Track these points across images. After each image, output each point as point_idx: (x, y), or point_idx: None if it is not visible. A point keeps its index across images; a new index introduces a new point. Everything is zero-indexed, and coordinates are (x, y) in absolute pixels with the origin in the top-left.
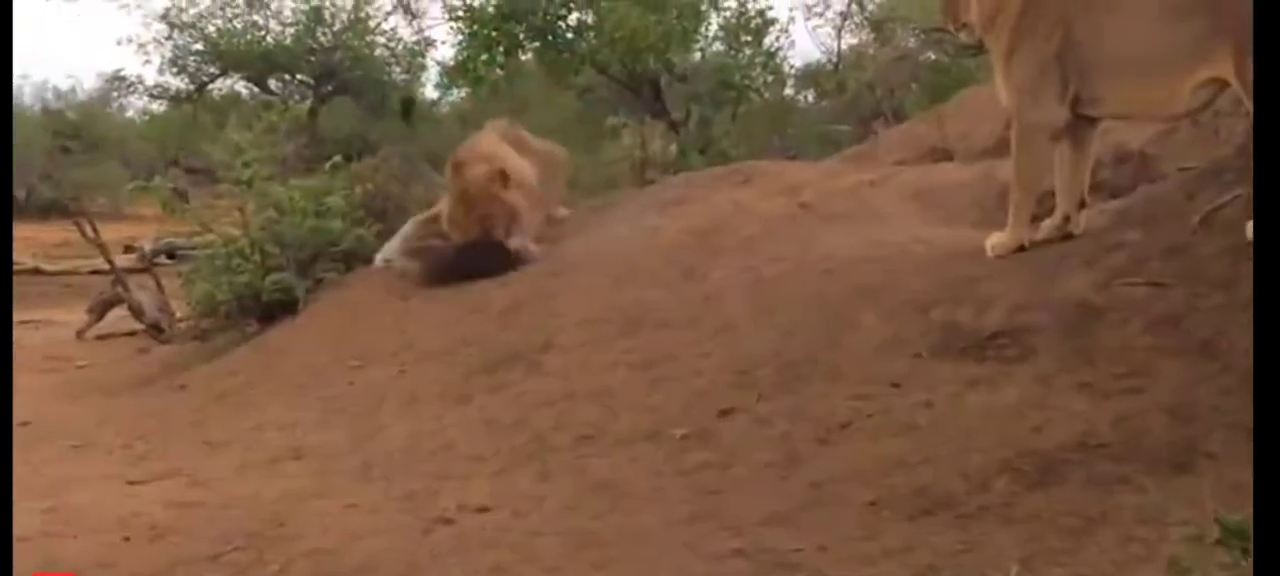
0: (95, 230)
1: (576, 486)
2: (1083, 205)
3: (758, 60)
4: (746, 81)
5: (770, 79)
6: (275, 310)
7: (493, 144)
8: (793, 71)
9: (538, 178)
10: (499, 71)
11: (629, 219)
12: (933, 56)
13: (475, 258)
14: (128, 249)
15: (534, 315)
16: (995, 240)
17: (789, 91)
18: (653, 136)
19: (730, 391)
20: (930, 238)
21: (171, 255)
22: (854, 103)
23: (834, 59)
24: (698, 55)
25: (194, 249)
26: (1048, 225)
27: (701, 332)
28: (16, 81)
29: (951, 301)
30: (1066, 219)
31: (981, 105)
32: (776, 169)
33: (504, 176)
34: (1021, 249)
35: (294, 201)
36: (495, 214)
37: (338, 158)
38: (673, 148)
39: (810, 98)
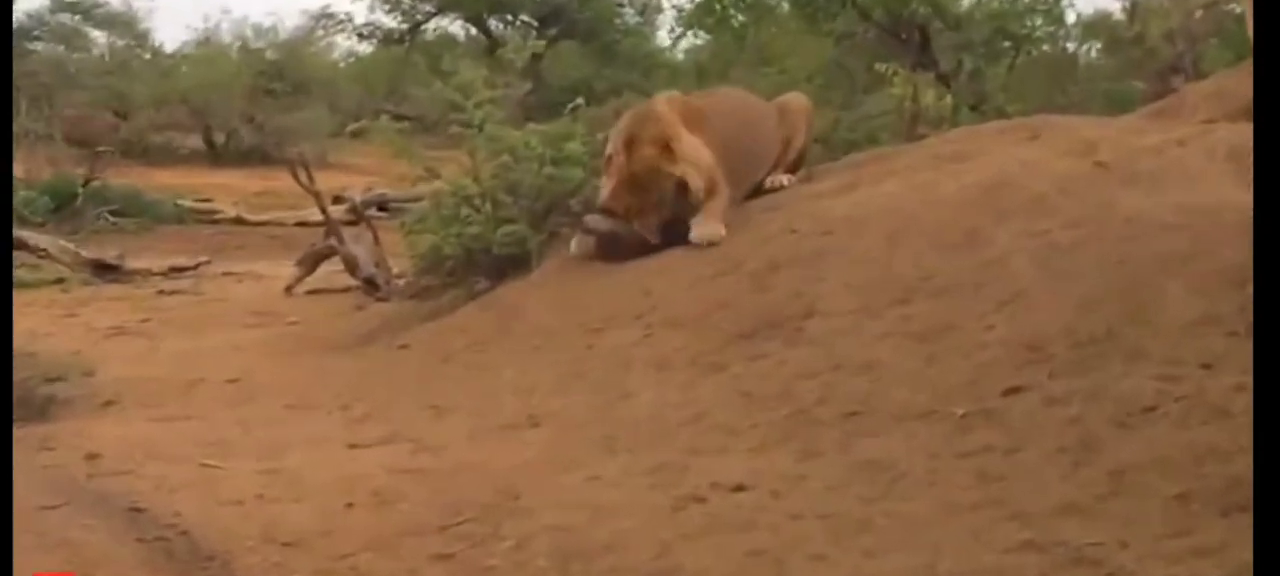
0: (310, 177)
1: (843, 466)
2: None
3: (1038, 7)
4: (1025, 30)
5: (1052, 29)
6: (506, 266)
7: (661, 118)
8: (1077, 21)
9: (717, 157)
10: (742, 16)
11: (901, 175)
12: (1238, 8)
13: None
14: (336, 199)
15: (795, 278)
16: None
17: (1071, 45)
18: (923, 89)
19: (1018, 367)
20: (1247, 204)
21: (383, 207)
22: (1147, 57)
23: (1126, 7)
24: (970, 0)
25: (410, 200)
26: None
27: (985, 302)
28: (216, 17)
29: None
30: None
31: None
32: (1068, 124)
33: (670, 152)
34: None
35: (530, 147)
36: (666, 196)
37: (579, 100)
38: (946, 100)
39: (1094, 51)
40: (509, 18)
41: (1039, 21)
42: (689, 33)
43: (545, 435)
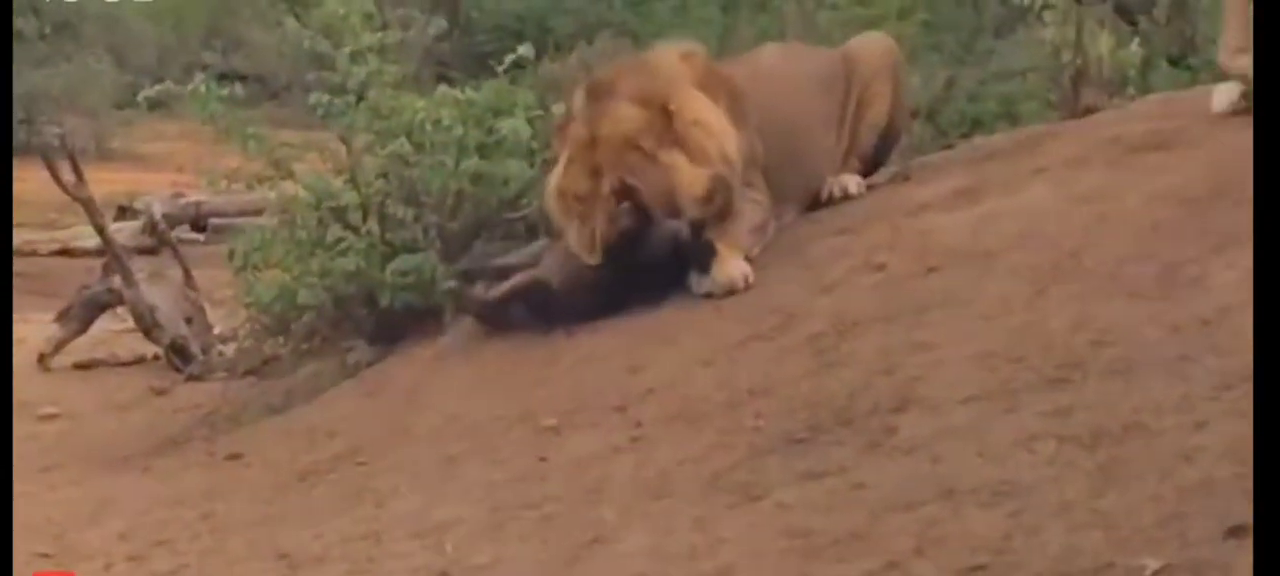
0: (80, 175)
1: None
2: None
3: None
4: None
5: None
6: (401, 323)
7: (660, 70)
8: None
9: (751, 153)
10: None
11: (1056, 174)
12: None
13: (611, 274)
14: (123, 211)
15: (881, 345)
16: None
17: None
18: (1093, 30)
19: (1245, 494)
20: None
21: (200, 226)
22: None
23: None
24: None
25: (244, 214)
26: None
27: (1195, 383)
28: None
29: None
30: None
31: None
32: None
33: (666, 117)
34: None
35: (443, 126)
36: (642, 185)
37: (524, 48)
38: (1133, 48)
39: None
40: None
41: None
42: None
43: None
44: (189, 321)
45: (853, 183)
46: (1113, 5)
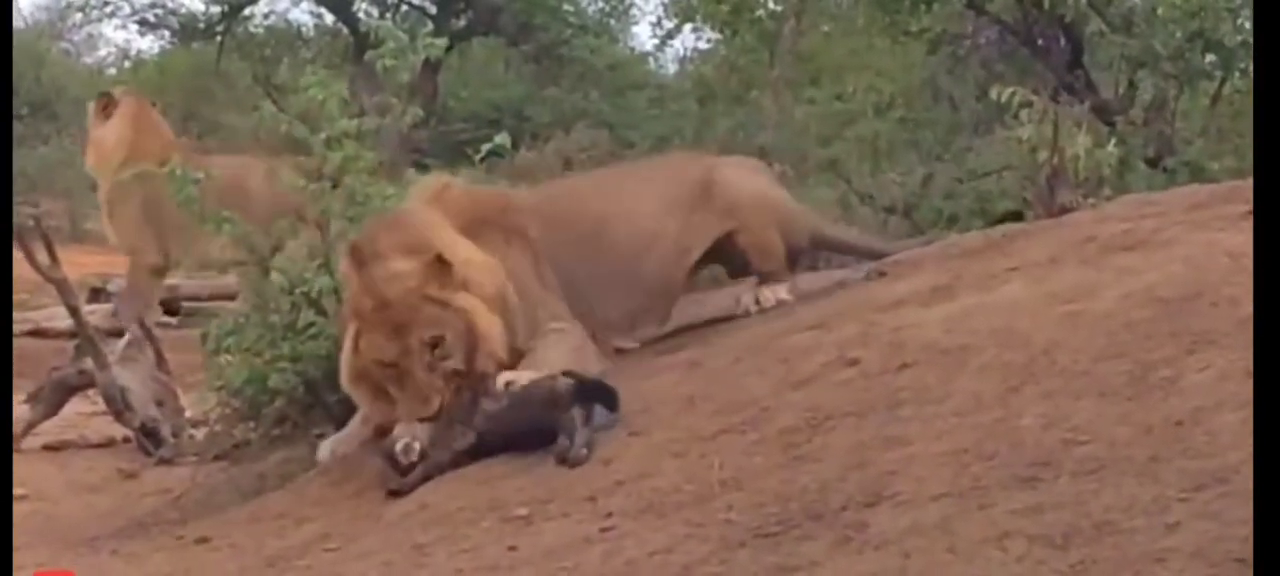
0: (53, 256)
1: None
2: None
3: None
4: (1240, 38)
5: None
6: None
7: (417, 223)
8: None
9: (541, 284)
10: (776, 5)
11: (1030, 273)
12: None
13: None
14: (95, 293)
15: (853, 440)
16: None
17: None
18: (1070, 130)
19: None
20: None
21: (173, 309)
22: None
23: None
24: None
25: (217, 298)
26: None
27: (1166, 484)
28: None
29: None
30: None
31: None
32: None
33: (441, 267)
34: None
35: None
36: (449, 333)
37: (500, 137)
38: (1109, 149)
39: None
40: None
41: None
42: (685, 31)
43: None
44: (160, 404)
45: (770, 295)
46: (1090, 105)
